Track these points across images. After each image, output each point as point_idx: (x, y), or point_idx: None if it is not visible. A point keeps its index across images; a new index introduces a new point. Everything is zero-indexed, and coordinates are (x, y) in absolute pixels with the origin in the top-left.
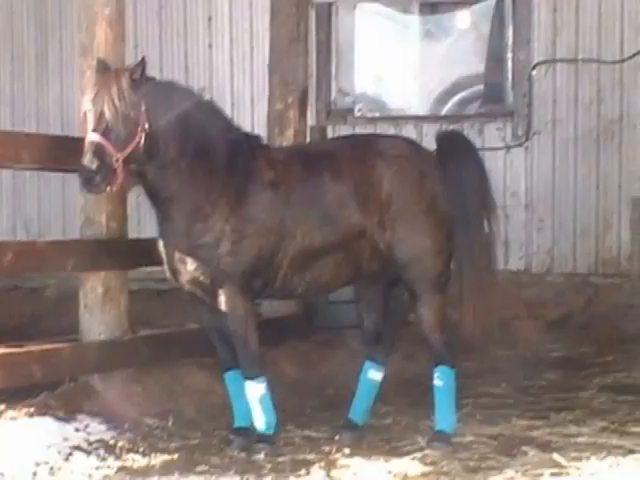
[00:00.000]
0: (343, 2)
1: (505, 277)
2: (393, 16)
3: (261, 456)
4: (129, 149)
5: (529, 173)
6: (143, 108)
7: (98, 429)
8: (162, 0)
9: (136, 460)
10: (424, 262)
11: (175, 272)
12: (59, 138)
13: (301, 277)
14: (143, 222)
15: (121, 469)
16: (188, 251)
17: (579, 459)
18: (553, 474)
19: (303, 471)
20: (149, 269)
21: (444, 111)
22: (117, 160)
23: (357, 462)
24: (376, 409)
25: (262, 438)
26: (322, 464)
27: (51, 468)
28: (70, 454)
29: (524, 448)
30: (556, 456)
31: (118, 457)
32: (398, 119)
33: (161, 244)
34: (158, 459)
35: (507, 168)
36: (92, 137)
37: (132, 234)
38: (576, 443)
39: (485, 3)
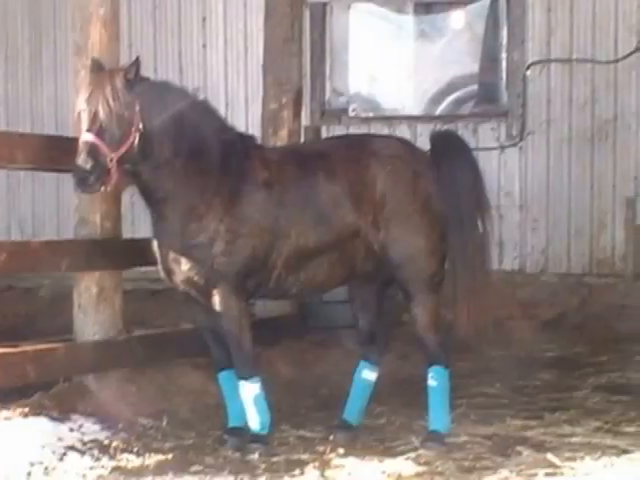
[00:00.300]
0: (337, 2)
1: (499, 277)
2: (387, 16)
3: (255, 456)
4: (123, 149)
5: (523, 173)
6: (137, 108)
7: (92, 429)
8: (156, 0)
9: (130, 460)
10: (418, 262)
11: (169, 272)
12: (53, 138)
13: (295, 277)
14: (137, 222)
15: (115, 469)
16: (182, 251)
17: (573, 459)
18: (547, 474)
19: (297, 471)
20: (143, 269)
21: (438, 111)
22: (111, 160)
23: (351, 462)
24: (370, 409)
25: (256, 438)
26: (316, 464)
27: (45, 468)
28: (64, 454)
29: (518, 448)
30: (550, 456)
31: (112, 457)
32: (392, 119)
33: (155, 244)
34: (152, 459)
35: (501, 168)
36: (86, 137)
37: (126, 234)
38: (570, 443)
39: (479, 3)
